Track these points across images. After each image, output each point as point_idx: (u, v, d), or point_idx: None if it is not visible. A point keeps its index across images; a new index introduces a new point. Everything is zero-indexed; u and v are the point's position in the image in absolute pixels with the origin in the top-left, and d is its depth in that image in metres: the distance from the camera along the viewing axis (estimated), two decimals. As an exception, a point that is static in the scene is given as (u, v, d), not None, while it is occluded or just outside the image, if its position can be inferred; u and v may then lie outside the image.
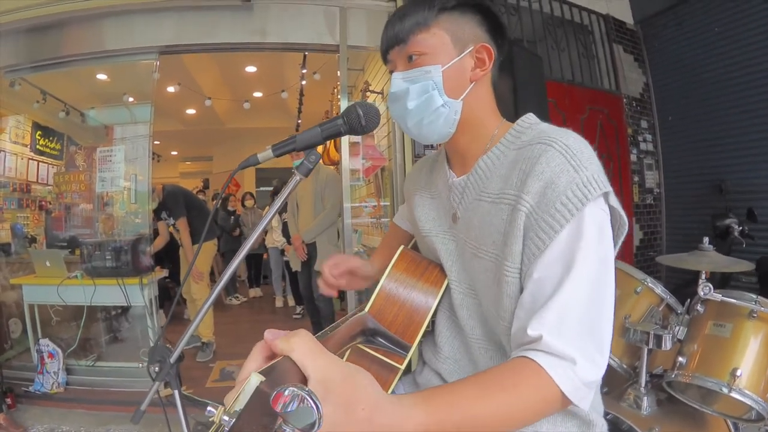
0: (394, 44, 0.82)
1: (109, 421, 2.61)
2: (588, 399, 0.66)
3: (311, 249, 3.48)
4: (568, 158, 0.69)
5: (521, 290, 0.73)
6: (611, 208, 0.72)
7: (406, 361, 0.85)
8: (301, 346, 0.45)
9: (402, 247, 0.96)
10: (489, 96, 0.86)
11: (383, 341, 0.84)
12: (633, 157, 3.87)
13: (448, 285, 0.90)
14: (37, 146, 4.00)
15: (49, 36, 3.14)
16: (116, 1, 2.96)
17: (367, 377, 0.48)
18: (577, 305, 0.66)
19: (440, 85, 0.79)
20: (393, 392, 0.90)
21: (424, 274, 0.91)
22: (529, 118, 0.83)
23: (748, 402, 1.30)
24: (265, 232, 5.49)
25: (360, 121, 0.79)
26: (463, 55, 0.80)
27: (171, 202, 3.79)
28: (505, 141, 0.81)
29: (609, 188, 0.69)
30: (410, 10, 0.80)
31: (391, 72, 0.85)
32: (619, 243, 0.76)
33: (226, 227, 5.99)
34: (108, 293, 3.12)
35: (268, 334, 0.48)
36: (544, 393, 0.63)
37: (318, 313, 3.66)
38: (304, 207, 3.55)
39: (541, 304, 0.67)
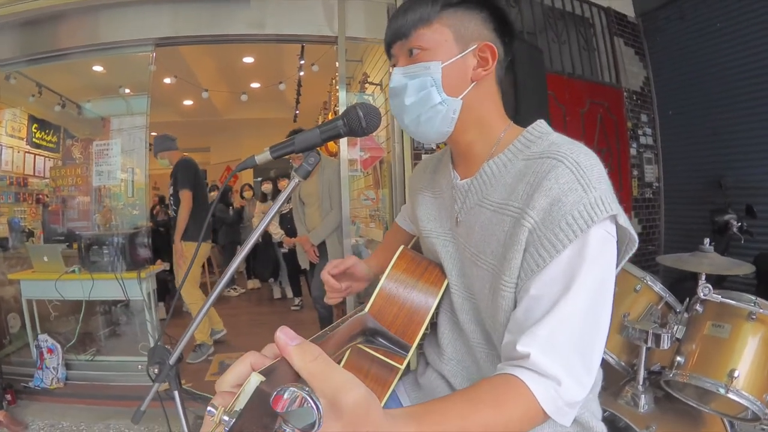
0: (396, 39, 0.82)
1: (110, 416, 2.61)
2: (570, 416, 0.67)
3: (321, 249, 3.39)
4: (578, 177, 0.67)
5: (515, 304, 0.72)
6: (621, 228, 0.71)
7: (406, 361, 0.85)
8: (313, 368, 0.42)
9: (402, 247, 0.95)
10: (493, 97, 0.84)
11: (383, 341, 0.84)
12: (633, 151, 3.86)
13: (448, 286, 0.89)
14: (34, 139, 3.98)
15: (44, 29, 3.10)
16: (111, -8, 2.93)
17: (374, 399, 0.45)
18: (570, 326, 0.66)
19: (439, 82, 0.78)
20: (393, 392, 0.91)
21: (424, 274, 0.91)
22: (540, 126, 0.81)
23: (745, 403, 1.31)
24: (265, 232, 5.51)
25: (360, 123, 0.77)
26: (465, 53, 0.78)
27: (181, 171, 3.50)
28: (514, 148, 0.79)
29: (617, 210, 0.67)
30: (414, 5, 0.80)
31: (393, 67, 0.85)
32: (625, 260, 0.76)
33: (226, 219, 5.99)
34: (106, 287, 3.10)
35: (281, 334, 0.44)
36: (527, 411, 0.64)
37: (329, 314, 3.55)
38: (310, 207, 3.45)
39: (535, 320, 0.67)
